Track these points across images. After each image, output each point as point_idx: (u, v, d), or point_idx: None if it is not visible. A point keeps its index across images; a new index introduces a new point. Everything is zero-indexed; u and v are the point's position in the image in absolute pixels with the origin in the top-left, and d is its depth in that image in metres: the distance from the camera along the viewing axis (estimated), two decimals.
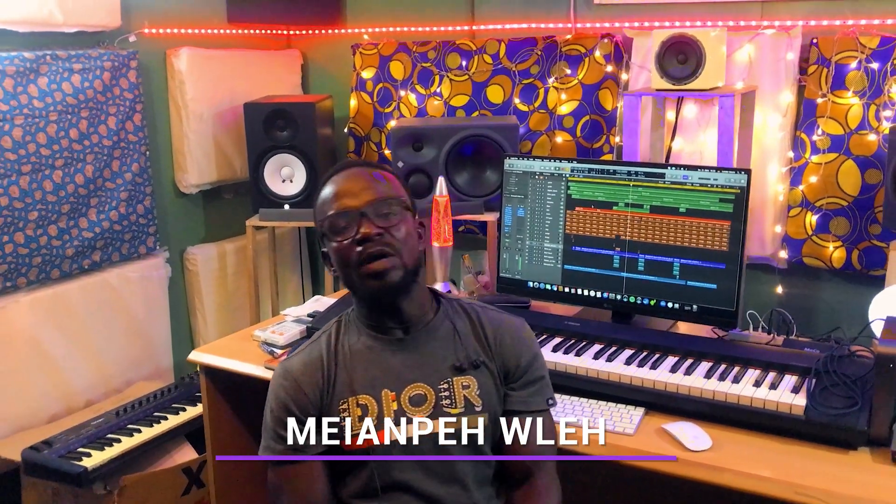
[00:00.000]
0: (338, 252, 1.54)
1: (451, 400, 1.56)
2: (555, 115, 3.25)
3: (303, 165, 3.37)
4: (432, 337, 1.60)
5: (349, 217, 1.52)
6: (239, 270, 3.69)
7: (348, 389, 1.56)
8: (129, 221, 3.18)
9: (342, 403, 1.55)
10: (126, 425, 2.72)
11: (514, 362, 1.61)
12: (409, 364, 1.57)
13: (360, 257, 1.51)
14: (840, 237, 2.82)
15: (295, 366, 1.60)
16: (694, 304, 2.26)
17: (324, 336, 1.64)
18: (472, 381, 1.58)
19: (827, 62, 2.77)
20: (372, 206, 1.53)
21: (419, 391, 1.56)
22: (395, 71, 3.57)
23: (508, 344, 1.62)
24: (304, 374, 1.58)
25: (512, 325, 1.65)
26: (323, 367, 1.58)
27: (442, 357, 1.58)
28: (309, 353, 1.62)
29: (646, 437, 1.82)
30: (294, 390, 1.57)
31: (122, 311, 3.19)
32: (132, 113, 3.14)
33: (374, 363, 1.58)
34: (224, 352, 2.41)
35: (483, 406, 1.57)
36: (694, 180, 2.24)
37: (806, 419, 1.75)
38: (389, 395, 1.55)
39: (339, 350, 1.60)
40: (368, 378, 1.56)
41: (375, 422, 1.53)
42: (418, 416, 1.54)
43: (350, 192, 1.54)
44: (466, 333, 1.62)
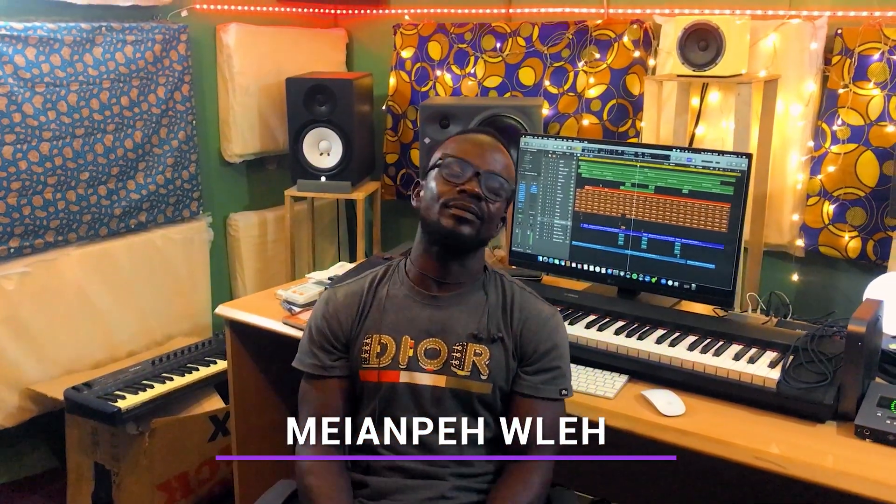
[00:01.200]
0: (436, 182, 1.67)
1: (460, 362, 1.69)
2: (583, 99, 3.34)
3: (339, 139, 3.53)
4: (463, 301, 1.73)
5: (466, 168, 1.66)
6: (278, 238, 3.88)
7: (374, 327, 1.71)
8: (175, 186, 3.38)
9: (366, 337, 1.70)
10: (160, 373, 2.92)
11: (532, 348, 1.70)
12: (435, 320, 1.71)
13: (451, 200, 1.64)
14: (856, 227, 2.85)
15: (338, 295, 1.77)
16: (693, 283, 2.34)
17: (369, 275, 1.80)
18: (485, 350, 1.69)
19: (850, 53, 2.80)
20: (489, 175, 1.68)
21: (434, 346, 1.70)
22: (433, 51, 3.69)
23: (531, 329, 1.71)
24: (344, 304, 1.75)
25: (541, 314, 1.74)
26: (361, 301, 1.74)
27: (465, 323, 1.71)
28: (353, 286, 1.78)
29: (624, 401, 1.92)
30: (332, 316, 1.74)
31: (164, 270, 3.40)
32: (181, 84, 3.34)
33: (405, 310, 1.72)
34: (248, 307, 2.58)
35: (489, 376, 1.68)
36: (697, 163, 2.31)
37: (777, 391, 1.83)
38: (409, 341, 1.70)
39: (379, 290, 1.75)
40: (395, 322, 1.71)
41: (390, 361, 1.69)
42: (428, 367, 1.68)
43: (481, 151, 1.70)
44: (496, 307, 1.73)
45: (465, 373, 1.68)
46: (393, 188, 3.93)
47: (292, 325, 2.42)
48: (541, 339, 1.71)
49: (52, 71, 2.89)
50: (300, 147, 3.55)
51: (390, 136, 3.89)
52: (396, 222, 4.09)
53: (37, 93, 2.85)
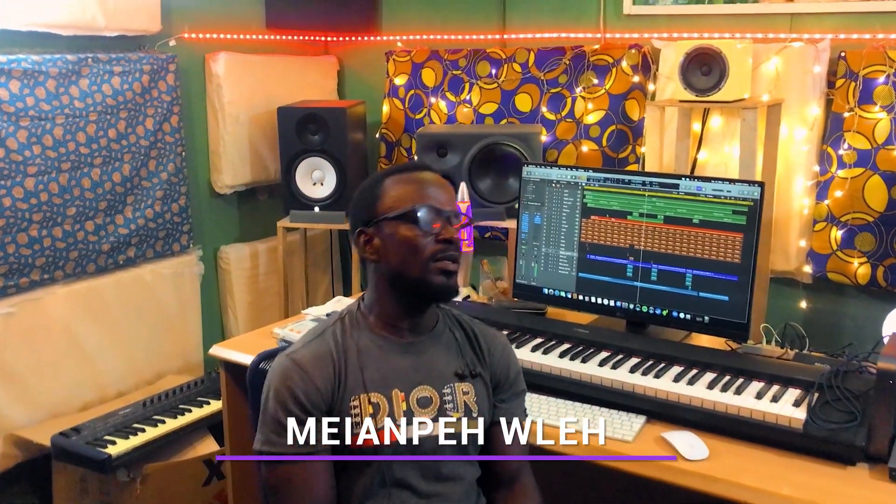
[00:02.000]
0: (411, 241, 1.56)
1: (453, 404, 1.61)
2: (581, 125, 3.28)
3: (333, 169, 3.45)
4: (436, 343, 1.66)
5: (440, 215, 1.58)
6: (270, 270, 3.78)
7: (360, 386, 1.56)
8: (164, 219, 3.28)
9: (353, 400, 1.55)
10: (151, 416, 2.81)
11: (504, 374, 1.70)
12: (417, 367, 1.62)
13: (438, 254, 1.56)
14: (865, 253, 2.79)
15: (305, 358, 1.56)
16: (706, 316, 2.27)
17: (328, 332, 1.62)
18: (471, 388, 1.64)
19: (855, 76, 2.75)
20: (455, 215, 1.61)
21: (426, 393, 1.61)
22: (427, 78, 3.63)
23: (499, 357, 1.70)
24: (315, 366, 1.54)
25: (500, 339, 1.75)
26: (334, 361, 1.56)
27: (445, 363, 1.64)
28: (317, 347, 1.59)
29: (644, 444, 1.83)
30: (303, 381, 1.52)
31: (154, 306, 3.30)
32: (169, 115, 3.25)
33: (385, 362, 1.61)
34: (244, 347, 2.48)
35: (479, 411, 1.64)
36: (708, 192, 2.24)
37: (804, 433, 1.75)
38: (399, 395, 1.59)
39: (349, 346, 1.59)
40: (380, 376, 1.59)
41: (385, 420, 1.57)
42: (424, 416, 1.59)
43: (444, 196, 1.61)
44: (464, 343, 1.69)
45: (459, 414, 1.61)
46: None
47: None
48: (509, 364, 1.72)
49: (36, 104, 2.80)
50: (293, 177, 3.47)
51: (385, 165, 3.82)
52: None
53: (21, 127, 2.76)
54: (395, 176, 1.64)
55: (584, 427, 1.88)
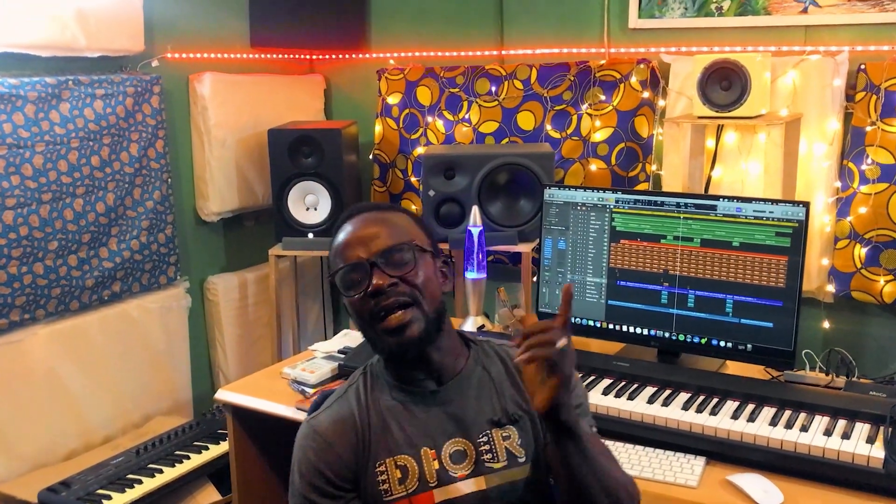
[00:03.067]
0: (352, 307, 1.43)
1: (492, 454, 1.44)
2: (588, 143, 3.16)
3: (328, 193, 3.28)
4: (467, 386, 1.48)
5: (359, 270, 1.40)
6: (260, 301, 3.59)
7: (385, 450, 1.42)
8: (150, 251, 3.08)
9: (379, 465, 1.41)
10: (147, 465, 2.61)
11: None
12: (446, 418, 1.45)
13: (374, 312, 1.40)
14: (891, 270, 2.70)
15: (324, 424, 1.45)
16: (748, 344, 2.15)
17: (352, 390, 1.49)
18: (513, 431, 1.46)
19: (876, 89, 2.67)
20: (382, 255, 1.40)
21: (458, 447, 1.44)
22: (422, 96, 3.48)
23: None
24: (336, 433, 1.43)
25: None
26: (357, 425, 1.44)
27: (478, 409, 1.46)
28: (338, 409, 1.47)
29: (710, 490, 1.70)
30: (326, 452, 1.42)
31: (141, 344, 3.09)
32: (154, 139, 3.06)
33: (409, 420, 1.45)
34: (252, 390, 2.30)
35: (526, 456, 1.45)
36: (748, 213, 2.13)
37: (885, 472, 1.63)
38: (429, 453, 1.43)
39: (371, 406, 1.46)
40: (405, 436, 1.43)
41: (417, 484, 1.41)
42: (460, 473, 1.43)
43: (359, 242, 1.43)
44: (501, 380, 1.50)
45: (502, 463, 1.44)
46: None
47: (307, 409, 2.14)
48: None
49: (14, 131, 2.59)
50: (284, 202, 3.29)
51: (378, 187, 3.66)
52: None
53: None
54: (333, 239, 1.49)
55: (644, 472, 1.74)
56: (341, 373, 2.31)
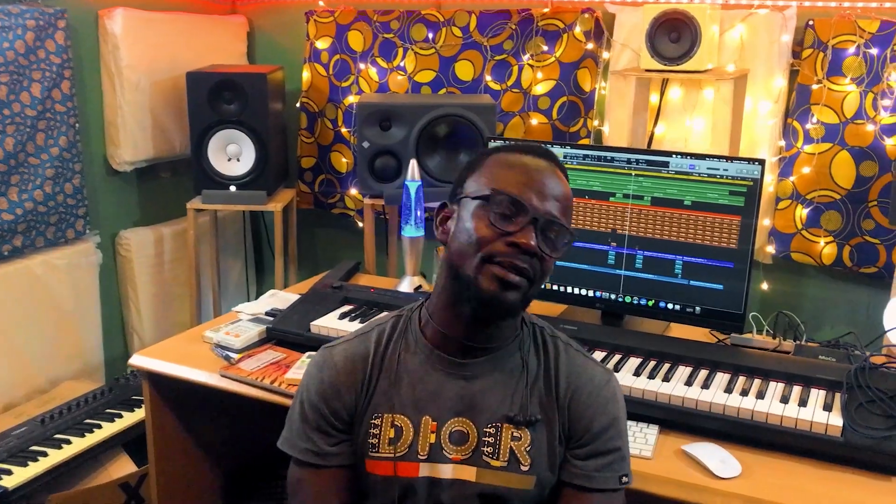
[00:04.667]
0: (475, 230, 1.25)
1: (494, 449, 1.30)
2: (529, 95, 3.02)
3: (251, 143, 3.07)
4: (497, 369, 1.33)
5: (523, 211, 1.25)
6: (177, 257, 3.36)
7: (386, 404, 1.32)
8: (56, 202, 2.82)
9: (375, 418, 1.32)
10: (53, 435, 2.39)
11: (585, 425, 1.32)
12: (462, 394, 1.31)
13: (497, 255, 1.24)
14: (831, 232, 2.68)
15: (335, 359, 1.36)
16: (697, 306, 2.08)
17: (375, 331, 1.38)
18: (526, 434, 1.31)
19: (823, 46, 2.61)
20: (547, 221, 1.26)
21: (462, 427, 1.31)
22: (354, 42, 3.28)
23: (583, 401, 1.33)
24: (345, 371, 1.34)
25: (594, 379, 1.36)
26: (367, 367, 1.34)
27: (499, 398, 1.32)
28: (356, 346, 1.37)
29: (666, 461, 1.61)
30: (329, 388, 1.34)
31: (46, 303, 2.84)
32: (59, 80, 2.78)
33: (425, 382, 1.32)
34: (170, 355, 2.11)
35: (531, 467, 1.31)
36: (701, 170, 2.04)
37: (844, 441, 1.58)
38: (430, 424, 1.31)
39: (388, 354, 1.35)
40: (413, 398, 1.32)
41: (406, 450, 1.30)
42: (454, 456, 1.30)
43: (541, 190, 1.27)
44: (535, 377, 1.34)
45: (502, 463, 1.30)
46: (310, 196, 3.49)
47: (233, 377, 1.98)
48: (596, 414, 1.32)
49: None
50: (204, 152, 3.06)
51: (305, 138, 3.45)
52: (313, 235, 3.66)
53: None
54: (503, 154, 1.33)
55: None
56: (269, 337, 2.15)
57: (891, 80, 2.53)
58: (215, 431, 2.34)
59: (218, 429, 2.33)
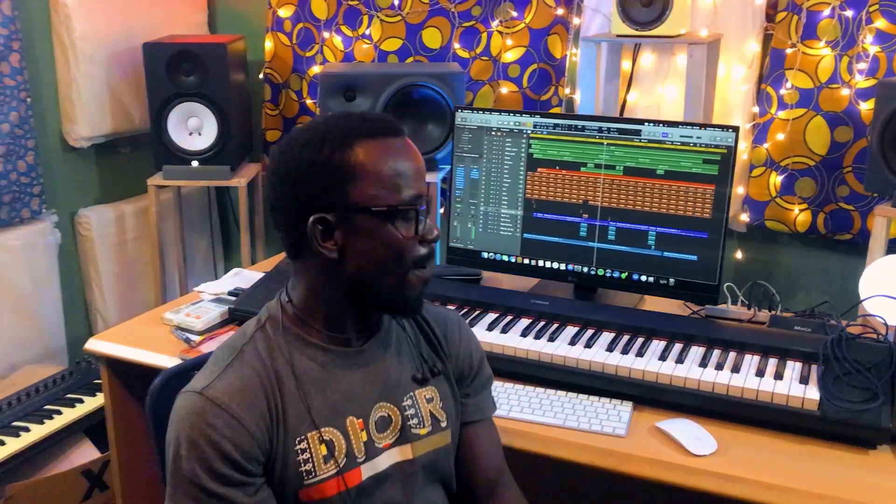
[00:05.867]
0: (394, 245, 1.17)
1: (418, 419, 1.28)
2: (499, 63, 2.95)
3: (213, 116, 2.98)
4: (387, 344, 1.30)
5: (423, 205, 1.20)
6: (140, 235, 3.27)
7: (306, 423, 1.19)
8: (9, 181, 2.71)
9: (299, 442, 1.18)
10: (11, 423, 2.32)
11: (468, 361, 1.39)
12: (371, 379, 1.26)
13: (419, 259, 1.21)
14: (805, 199, 2.64)
15: (227, 394, 1.14)
16: (671, 278, 2.03)
17: (248, 352, 1.20)
18: (434, 392, 1.32)
19: (798, 9, 2.56)
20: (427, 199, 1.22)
21: (383, 412, 1.26)
22: (317, 9, 3.17)
23: (457, 341, 1.38)
24: (243, 404, 1.14)
25: (455, 320, 1.42)
26: (267, 394, 1.17)
27: (400, 367, 1.29)
28: (239, 374, 1.17)
29: (640, 438, 1.57)
30: (234, 429, 1.12)
31: (3, 286, 2.75)
32: (7, 52, 2.66)
33: (331, 385, 1.22)
34: (129, 339, 2.04)
35: (448, 420, 1.33)
36: (674, 138, 1.98)
37: (821, 415, 1.54)
38: (356, 423, 1.23)
39: (281, 368, 1.20)
40: (328, 405, 1.21)
41: (345, 459, 1.21)
42: (385, 443, 1.25)
43: (419, 170, 1.21)
44: (416, 336, 1.35)
45: (427, 429, 1.29)
46: None
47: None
48: (472, 349, 1.41)
49: None
50: (164, 126, 2.96)
51: (270, 110, 3.35)
52: None
53: None
54: (365, 142, 1.17)
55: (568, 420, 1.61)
56: (232, 318, 2.08)
57: (866, 43, 2.48)
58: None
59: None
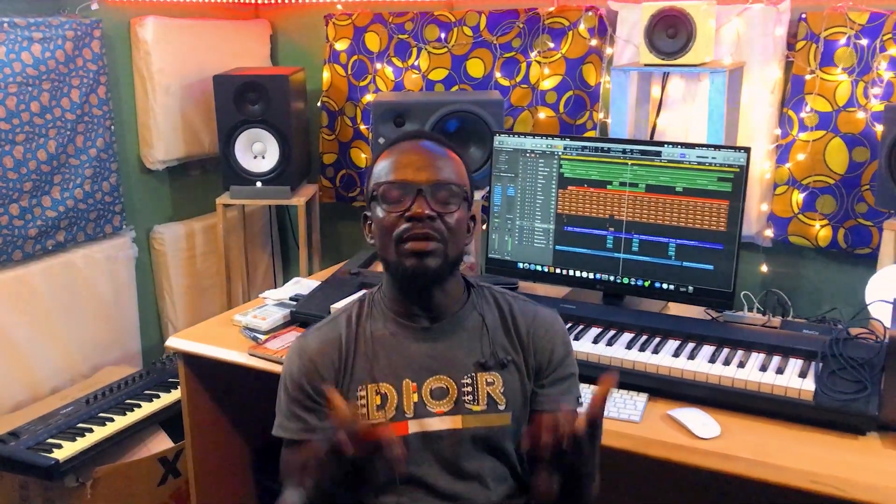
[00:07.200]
0: (382, 221, 1.46)
1: (473, 396, 1.49)
2: (537, 91, 3.17)
3: (275, 141, 3.25)
4: (460, 328, 1.52)
5: (406, 190, 1.44)
6: (208, 250, 3.56)
7: (368, 376, 1.49)
8: (95, 200, 3.03)
9: (360, 390, 1.48)
10: (97, 414, 2.59)
11: (547, 357, 1.54)
12: (433, 355, 1.50)
13: (402, 233, 1.43)
14: (826, 216, 2.80)
15: (311, 344, 1.53)
16: (690, 286, 2.22)
17: (343, 316, 1.56)
18: (498, 378, 1.51)
19: (816, 38, 2.73)
20: (432, 187, 1.44)
21: (441, 384, 1.49)
22: (371, 43, 3.45)
23: (542, 337, 1.55)
24: (321, 353, 1.51)
25: (545, 318, 1.58)
26: (341, 348, 1.51)
27: (468, 351, 1.51)
28: (327, 331, 1.54)
29: (652, 423, 1.77)
30: (309, 370, 1.50)
31: (87, 294, 3.05)
32: (96, 85, 2.98)
33: (397, 351, 1.50)
34: (203, 338, 2.30)
35: (507, 405, 1.51)
36: (691, 158, 2.19)
37: (815, 404, 1.72)
38: (410, 385, 1.48)
39: (360, 333, 1.52)
40: (390, 366, 1.49)
41: (394, 412, 1.47)
42: (438, 409, 1.48)
43: (413, 165, 1.46)
44: (495, 327, 1.54)
45: (482, 407, 1.50)
46: (332, 190, 3.68)
47: (260, 355, 2.17)
48: (554, 346, 1.55)
49: None
50: (232, 150, 3.25)
51: (327, 135, 3.63)
52: (336, 227, 3.84)
53: None
54: (386, 149, 1.54)
55: None
56: (293, 320, 2.33)
57: (880, 70, 2.65)
58: (245, 409, 2.52)
59: (248, 406, 2.51)
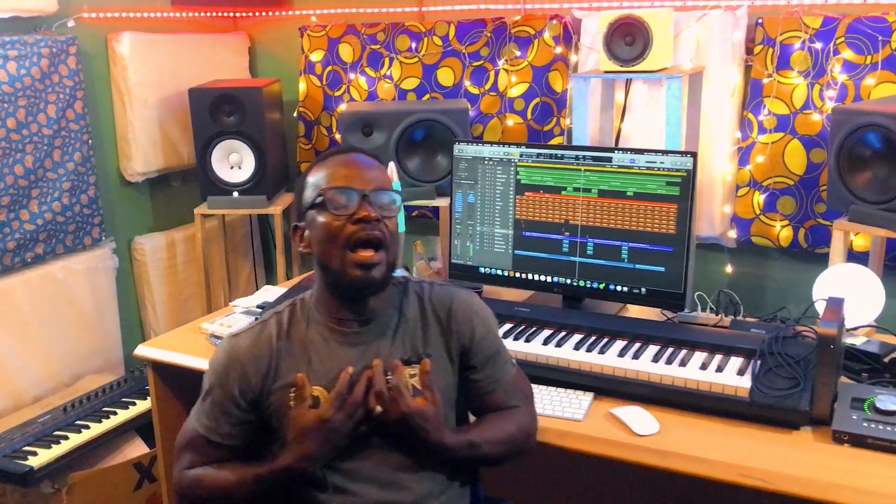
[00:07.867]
0: (327, 227, 1.51)
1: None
2: (505, 98, 3.24)
3: (251, 151, 3.32)
4: (386, 328, 1.60)
5: (351, 195, 1.51)
6: (189, 260, 3.63)
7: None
8: (73, 212, 3.10)
9: (292, 391, 1.53)
10: (74, 422, 2.66)
11: (469, 336, 1.63)
12: (364, 357, 1.57)
13: (351, 237, 1.49)
14: (787, 216, 2.86)
15: (242, 346, 1.58)
16: (643, 287, 2.28)
17: (274, 318, 1.62)
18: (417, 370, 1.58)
19: (772, 42, 2.79)
20: (374, 193, 1.53)
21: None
22: (344, 53, 3.52)
23: (461, 319, 1.63)
24: (250, 354, 1.56)
25: (462, 299, 1.66)
26: (272, 351, 1.56)
27: (391, 350, 1.59)
28: (258, 333, 1.60)
29: (595, 422, 1.83)
30: (235, 372, 1.55)
31: (68, 305, 3.12)
32: (73, 101, 3.06)
33: (328, 356, 1.57)
34: (172, 345, 2.37)
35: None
36: (641, 164, 2.24)
37: (750, 401, 1.77)
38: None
39: (293, 335, 1.58)
40: (323, 370, 1.55)
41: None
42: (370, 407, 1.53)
43: (355, 174, 1.55)
44: (415, 320, 1.62)
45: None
46: None
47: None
48: (474, 325, 1.64)
49: None
50: (208, 161, 3.32)
51: (304, 144, 3.70)
52: None
53: None
54: (317, 164, 1.62)
55: None
56: None
57: (834, 72, 2.70)
58: None
59: None
